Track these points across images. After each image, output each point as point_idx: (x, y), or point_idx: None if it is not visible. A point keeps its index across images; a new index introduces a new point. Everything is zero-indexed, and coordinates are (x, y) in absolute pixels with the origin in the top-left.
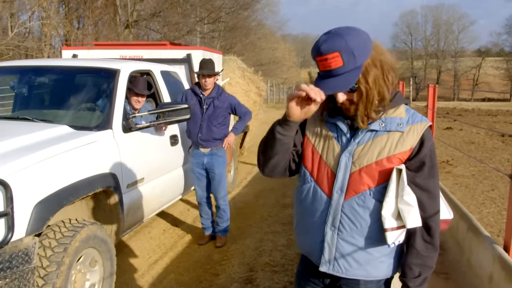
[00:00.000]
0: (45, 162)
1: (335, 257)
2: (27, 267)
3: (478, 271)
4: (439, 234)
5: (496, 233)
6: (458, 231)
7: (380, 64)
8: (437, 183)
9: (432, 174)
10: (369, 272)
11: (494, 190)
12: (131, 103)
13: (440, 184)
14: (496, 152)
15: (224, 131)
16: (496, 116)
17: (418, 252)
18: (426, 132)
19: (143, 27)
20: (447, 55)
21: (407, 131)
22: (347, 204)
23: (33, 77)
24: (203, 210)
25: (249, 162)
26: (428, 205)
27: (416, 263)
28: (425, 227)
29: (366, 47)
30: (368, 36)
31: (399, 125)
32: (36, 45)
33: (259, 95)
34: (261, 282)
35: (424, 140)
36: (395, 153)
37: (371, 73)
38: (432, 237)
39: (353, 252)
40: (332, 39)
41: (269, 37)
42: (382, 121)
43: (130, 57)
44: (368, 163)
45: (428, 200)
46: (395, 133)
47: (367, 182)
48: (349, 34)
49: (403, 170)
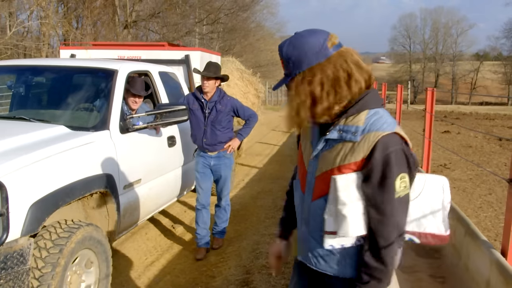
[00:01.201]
0: (41, 163)
1: (307, 249)
2: (22, 268)
3: (475, 276)
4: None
5: (493, 237)
6: (455, 235)
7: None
8: (389, 199)
9: (382, 188)
10: (334, 269)
11: (491, 194)
12: (128, 104)
13: None
14: (494, 156)
15: (228, 134)
16: (494, 120)
17: (365, 262)
18: (380, 142)
19: (142, 28)
20: (445, 58)
21: (361, 141)
22: (313, 205)
23: (30, 76)
24: (201, 217)
25: (247, 164)
26: (375, 221)
27: (364, 271)
28: (372, 242)
29: (299, 61)
30: (317, 43)
31: (353, 134)
32: (34, 45)
33: (257, 96)
34: (258, 285)
35: (374, 150)
36: (345, 163)
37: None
38: (378, 254)
39: (319, 248)
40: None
41: (268, 38)
42: (340, 129)
43: (128, 58)
44: (325, 170)
45: (375, 215)
46: (347, 142)
47: (325, 188)
48: (290, 43)
49: (337, 180)
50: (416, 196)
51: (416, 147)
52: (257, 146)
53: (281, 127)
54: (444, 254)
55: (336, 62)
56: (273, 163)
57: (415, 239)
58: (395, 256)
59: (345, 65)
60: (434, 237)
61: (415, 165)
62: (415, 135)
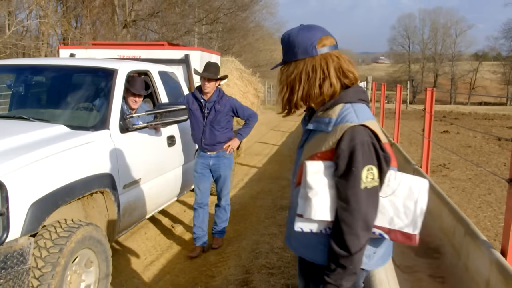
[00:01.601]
0: (41, 162)
1: (289, 234)
2: (22, 267)
3: (475, 276)
4: (436, 238)
5: (492, 237)
6: (455, 235)
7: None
8: (355, 188)
9: (347, 177)
10: (311, 256)
11: (490, 194)
12: (128, 103)
13: (437, 188)
14: (493, 156)
15: (227, 134)
16: (493, 120)
17: (331, 248)
18: (347, 133)
19: (141, 27)
20: (444, 58)
21: (332, 131)
22: (295, 191)
23: (30, 76)
24: (198, 217)
25: (246, 164)
26: (340, 208)
27: (330, 258)
28: (336, 229)
29: (289, 51)
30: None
31: (326, 125)
32: (33, 44)
33: (256, 96)
34: (257, 285)
35: (341, 141)
36: (316, 151)
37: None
38: (342, 241)
39: (298, 234)
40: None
41: (267, 38)
42: (317, 121)
43: (128, 57)
44: (304, 159)
45: (341, 203)
46: (322, 133)
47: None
48: (291, 33)
49: (307, 165)
50: (390, 193)
51: (415, 147)
52: (256, 146)
53: (281, 127)
54: (444, 254)
55: (317, 63)
56: (272, 163)
57: (384, 235)
58: (362, 246)
59: (325, 68)
60: (403, 235)
61: (387, 161)
62: (414, 135)
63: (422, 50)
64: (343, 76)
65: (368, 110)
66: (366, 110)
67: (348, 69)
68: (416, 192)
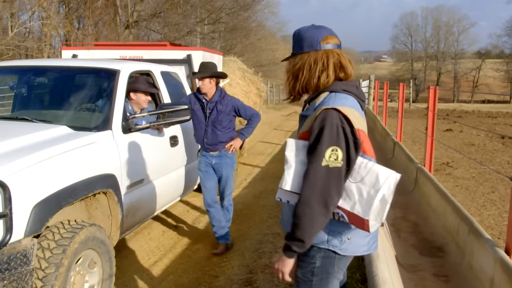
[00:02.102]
0: (44, 163)
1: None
2: (26, 268)
3: (479, 274)
4: (440, 237)
5: (496, 236)
6: (458, 233)
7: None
8: (316, 164)
9: (312, 153)
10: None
11: (494, 192)
12: (140, 103)
13: (441, 187)
14: (496, 154)
15: (229, 134)
16: (496, 118)
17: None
18: (320, 115)
19: (143, 28)
20: (447, 56)
21: (312, 114)
22: None
23: (32, 77)
24: (214, 217)
25: (249, 163)
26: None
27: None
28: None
29: (297, 44)
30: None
31: (312, 110)
32: (36, 45)
33: (259, 96)
34: (261, 284)
35: (314, 121)
36: (299, 132)
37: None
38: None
39: (284, 213)
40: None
41: (269, 38)
42: (308, 108)
43: (130, 58)
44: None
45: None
46: (309, 116)
47: None
48: (301, 29)
49: (287, 142)
50: (359, 180)
51: (418, 146)
52: (259, 146)
53: (283, 126)
54: (448, 252)
55: (319, 56)
56: (275, 162)
57: (345, 217)
58: (314, 217)
59: (325, 61)
60: (358, 220)
61: (356, 146)
62: (417, 133)
63: (425, 48)
64: (340, 71)
65: (350, 100)
66: (346, 99)
67: (346, 66)
68: (381, 181)
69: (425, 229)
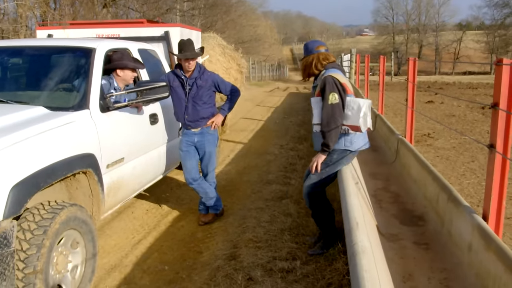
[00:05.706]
0: (21, 144)
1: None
2: (6, 250)
3: (458, 241)
4: (420, 206)
5: (476, 204)
6: (438, 202)
7: (311, 59)
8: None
9: (323, 98)
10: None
11: (474, 162)
12: (127, 80)
13: (421, 157)
14: (476, 124)
15: (210, 110)
16: (477, 89)
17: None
18: (323, 79)
19: (122, 6)
20: (428, 29)
21: (320, 82)
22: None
23: (6, 58)
24: (199, 191)
25: (232, 140)
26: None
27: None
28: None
29: (307, 50)
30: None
31: (318, 82)
32: (11, 27)
33: (240, 72)
34: (245, 258)
35: (320, 82)
36: (316, 92)
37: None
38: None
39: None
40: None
41: (250, 14)
42: (316, 81)
43: (107, 36)
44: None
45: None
46: (318, 85)
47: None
48: (308, 42)
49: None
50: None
51: (400, 118)
52: (241, 122)
53: (266, 102)
54: (428, 221)
55: (313, 57)
56: (258, 138)
57: (349, 128)
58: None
59: (316, 59)
60: (354, 127)
61: (343, 90)
62: (399, 105)
63: (406, 21)
64: (326, 61)
65: (336, 70)
66: (335, 70)
67: (329, 58)
68: (362, 105)
69: (406, 199)
